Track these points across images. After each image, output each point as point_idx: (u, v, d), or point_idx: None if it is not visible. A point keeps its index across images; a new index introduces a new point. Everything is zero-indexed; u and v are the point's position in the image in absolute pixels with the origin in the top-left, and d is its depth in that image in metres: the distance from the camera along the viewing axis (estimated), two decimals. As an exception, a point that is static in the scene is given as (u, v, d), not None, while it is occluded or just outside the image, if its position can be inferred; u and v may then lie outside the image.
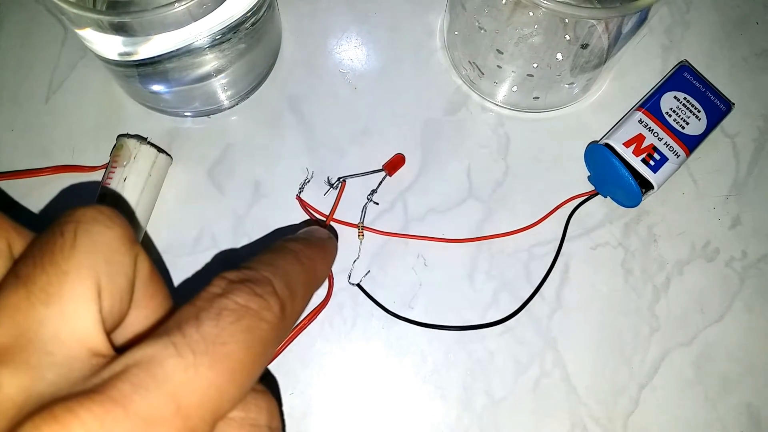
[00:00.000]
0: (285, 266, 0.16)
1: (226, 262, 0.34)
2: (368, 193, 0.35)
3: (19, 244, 0.14)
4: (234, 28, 0.32)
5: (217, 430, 0.13)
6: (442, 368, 0.33)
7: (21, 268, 0.13)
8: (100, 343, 0.13)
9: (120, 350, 0.13)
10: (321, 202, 0.35)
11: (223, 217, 0.35)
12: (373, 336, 0.33)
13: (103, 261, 0.13)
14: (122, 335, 0.15)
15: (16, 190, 0.34)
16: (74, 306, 0.12)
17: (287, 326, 0.15)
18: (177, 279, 0.33)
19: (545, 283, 0.34)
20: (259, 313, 0.14)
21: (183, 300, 0.15)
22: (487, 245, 0.35)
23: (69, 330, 0.12)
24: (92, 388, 0.11)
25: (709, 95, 0.35)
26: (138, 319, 0.15)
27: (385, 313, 0.33)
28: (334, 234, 0.35)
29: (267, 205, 0.35)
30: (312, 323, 0.33)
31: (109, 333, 0.14)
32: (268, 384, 0.31)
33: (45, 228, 0.14)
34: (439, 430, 0.32)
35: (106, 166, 0.33)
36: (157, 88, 0.34)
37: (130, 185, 0.32)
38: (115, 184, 0.32)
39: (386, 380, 0.33)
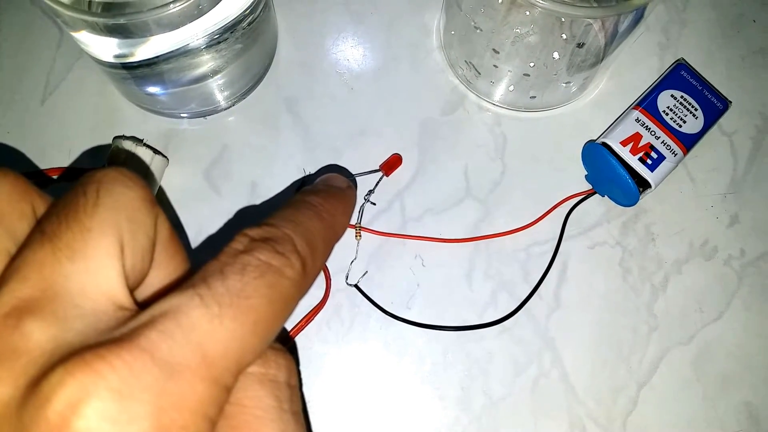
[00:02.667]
0: (305, 222, 0.16)
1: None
2: (365, 193, 0.35)
3: (42, 208, 0.15)
4: (230, 29, 0.32)
5: (238, 384, 0.14)
6: (440, 368, 0.33)
7: (46, 225, 0.13)
8: (123, 297, 0.13)
9: (142, 307, 0.13)
10: (318, 202, 0.35)
11: (220, 218, 0.35)
12: (370, 337, 0.33)
13: (125, 219, 0.13)
14: (142, 294, 0.15)
15: (12, 192, 0.34)
16: (98, 261, 0.13)
17: (308, 283, 0.15)
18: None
19: (543, 283, 0.34)
20: (281, 270, 0.14)
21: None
22: (484, 245, 0.35)
23: (94, 284, 0.13)
24: (120, 336, 0.11)
25: (706, 93, 0.35)
26: (158, 279, 0.15)
27: (383, 314, 0.33)
28: (353, 182, 0.34)
29: (264, 206, 0.35)
30: (309, 325, 0.33)
31: (131, 290, 0.14)
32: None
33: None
34: (438, 430, 0.32)
35: (102, 168, 0.33)
36: (153, 89, 0.34)
37: (126, 187, 0.32)
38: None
39: (384, 381, 0.33)
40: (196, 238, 0.34)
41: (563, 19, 0.33)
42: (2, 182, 0.14)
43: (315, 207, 0.17)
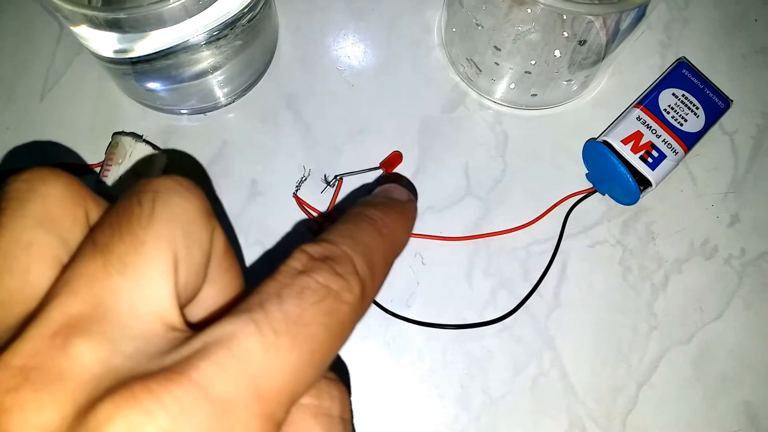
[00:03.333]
0: (365, 239, 0.15)
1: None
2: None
3: (96, 213, 0.14)
4: (230, 25, 0.31)
5: (290, 417, 0.13)
6: (440, 367, 0.33)
7: (98, 236, 0.13)
8: (175, 318, 0.12)
9: (193, 327, 0.13)
10: (318, 200, 0.35)
11: (219, 215, 0.34)
12: (370, 335, 0.33)
13: (181, 233, 0.13)
14: (194, 310, 0.15)
15: (11, 188, 0.34)
16: (151, 278, 0.12)
17: (366, 306, 0.14)
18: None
19: (543, 281, 0.34)
20: (341, 294, 0.13)
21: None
22: (484, 243, 0.35)
23: (145, 303, 0.12)
24: (172, 366, 0.11)
25: (708, 92, 0.35)
26: (210, 295, 0.15)
27: (383, 312, 0.33)
28: (413, 192, 0.34)
29: (263, 204, 0.35)
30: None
31: (182, 307, 0.13)
32: (340, 375, 0.31)
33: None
34: (437, 429, 0.32)
35: (101, 164, 0.33)
36: (153, 85, 0.34)
37: (125, 184, 0.32)
38: (110, 182, 0.32)
39: (383, 379, 0.32)
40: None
41: (565, 17, 0.32)
42: (55, 184, 0.14)
43: (375, 222, 0.16)
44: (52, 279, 0.12)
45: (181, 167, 0.35)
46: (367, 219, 0.16)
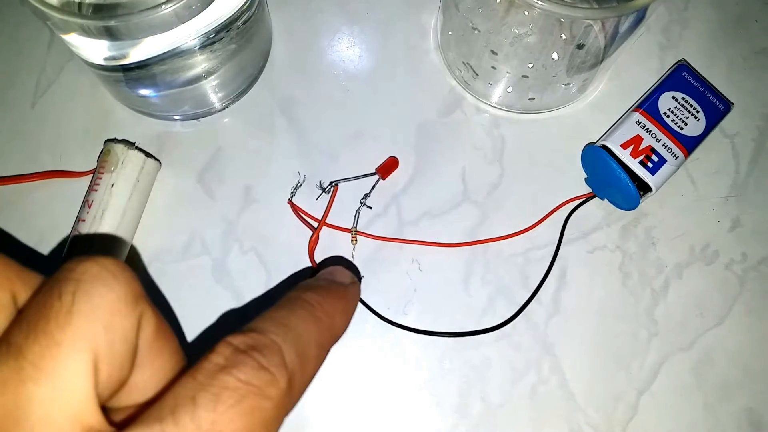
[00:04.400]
0: (298, 326, 0.15)
1: (216, 269, 0.33)
2: (361, 197, 0.34)
3: (24, 294, 0.14)
4: (224, 29, 0.31)
5: None
6: (438, 375, 0.32)
7: (13, 335, 0.12)
8: (94, 420, 0.12)
9: (120, 423, 0.12)
10: (313, 206, 0.34)
11: (214, 222, 0.34)
12: (366, 343, 0.33)
13: (102, 328, 0.12)
14: (126, 395, 0.14)
15: (2, 196, 0.34)
16: (67, 382, 0.12)
17: (294, 399, 0.14)
18: (166, 286, 0.33)
19: (542, 288, 0.34)
20: (263, 390, 0.13)
21: (178, 305, 0.15)
22: (482, 249, 0.34)
23: (60, 409, 0.12)
24: None
25: (708, 95, 0.35)
26: (143, 379, 0.14)
27: (379, 320, 0.33)
28: (357, 275, 0.33)
29: (258, 210, 0.34)
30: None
31: (109, 398, 0.13)
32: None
33: (42, 278, 0.13)
34: (435, 438, 0.31)
35: (93, 172, 0.32)
36: (145, 92, 0.33)
37: (117, 191, 0.31)
38: (102, 191, 0.31)
39: (380, 388, 0.32)
40: (189, 243, 0.34)
41: (563, 20, 0.32)
42: None
43: (312, 307, 0.16)
44: None
45: (174, 174, 0.35)
46: (304, 303, 0.16)
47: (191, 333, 0.32)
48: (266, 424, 0.13)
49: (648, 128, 0.34)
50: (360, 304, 0.33)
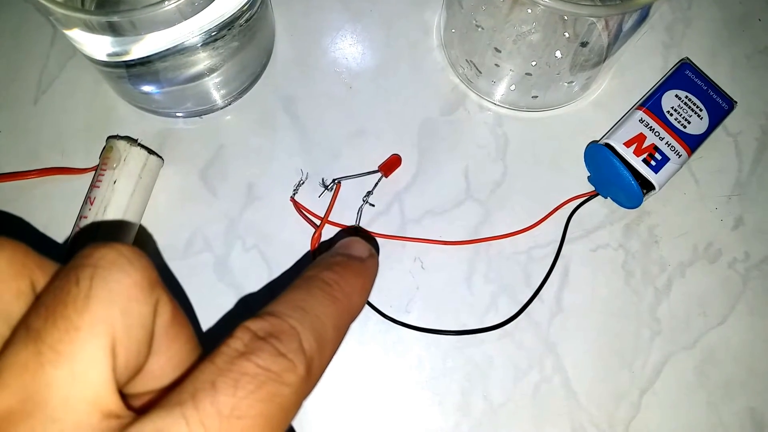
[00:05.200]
0: (316, 308, 0.15)
1: (219, 266, 0.33)
2: (364, 194, 0.34)
3: (43, 281, 0.14)
4: (227, 26, 0.31)
5: None
6: (440, 374, 0.32)
7: (32, 320, 0.12)
8: (112, 403, 0.12)
9: (137, 408, 0.12)
10: (316, 204, 0.34)
11: (216, 219, 0.34)
12: (369, 341, 0.33)
13: (120, 313, 0.13)
14: (142, 381, 0.14)
15: (4, 193, 0.34)
16: (85, 366, 0.12)
17: (312, 384, 0.14)
18: (169, 283, 0.33)
19: (545, 286, 0.33)
20: (282, 376, 0.13)
21: (180, 303, 0.15)
22: (485, 247, 0.34)
23: (79, 392, 0.12)
24: None
25: (711, 93, 0.35)
26: (159, 365, 0.15)
27: (382, 318, 0.33)
28: (374, 245, 0.33)
29: (261, 208, 0.34)
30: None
31: (126, 384, 0.13)
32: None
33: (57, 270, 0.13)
34: (437, 436, 0.31)
35: (96, 169, 0.32)
36: (148, 88, 0.33)
37: (120, 188, 0.31)
38: (104, 187, 0.31)
39: (383, 386, 0.32)
40: (191, 240, 0.34)
41: (566, 18, 0.32)
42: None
43: (329, 287, 0.16)
44: None
45: (177, 171, 0.35)
46: (321, 284, 0.16)
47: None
48: (285, 409, 0.13)
49: (651, 126, 0.34)
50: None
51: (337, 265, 0.17)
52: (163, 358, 0.15)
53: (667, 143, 0.33)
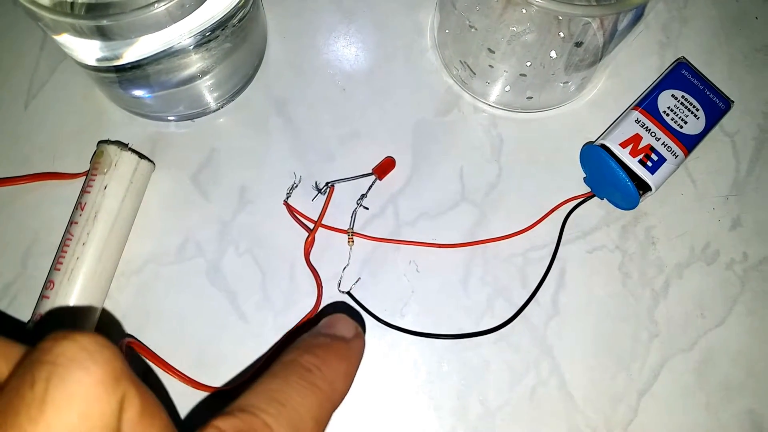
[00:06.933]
0: (294, 399, 0.14)
1: (211, 271, 0.33)
2: (358, 197, 0.34)
3: (6, 369, 0.13)
4: (219, 27, 0.31)
5: None
6: (436, 377, 0.32)
7: None
8: None
9: None
10: (309, 207, 0.34)
11: (208, 223, 0.34)
12: (364, 345, 0.32)
13: (78, 418, 0.12)
14: None
15: (-5, 198, 0.34)
16: None
17: None
18: (161, 289, 0.32)
19: (541, 289, 0.33)
20: None
21: (172, 308, 0.14)
22: (480, 250, 0.34)
23: None
24: None
25: (708, 93, 0.34)
26: None
27: (376, 322, 0.32)
28: (361, 323, 0.32)
29: (253, 211, 0.34)
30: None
31: None
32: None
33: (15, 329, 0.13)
34: (433, 441, 0.31)
35: (86, 174, 0.32)
36: (139, 92, 0.33)
37: (110, 193, 0.31)
38: (95, 192, 0.31)
39: (378, 391, 0.32)
40: (183, 245, 0.33)
41: (561, 18, 0.32)
42: None
43: (309, 373, 0.14)
44: None
45: (168, 175, 0.34)
46: (300, 370, 0.15)
47: (186, 338, 0.32)
48: None
49: (647, 127, 0.33)
50: (357, 307, 0.32)
51: (318, 348, 0.15)
52: None
53: (663, 143, 0.33)
